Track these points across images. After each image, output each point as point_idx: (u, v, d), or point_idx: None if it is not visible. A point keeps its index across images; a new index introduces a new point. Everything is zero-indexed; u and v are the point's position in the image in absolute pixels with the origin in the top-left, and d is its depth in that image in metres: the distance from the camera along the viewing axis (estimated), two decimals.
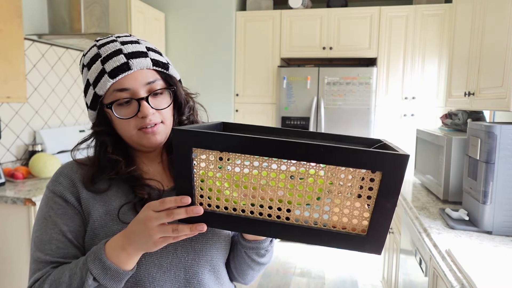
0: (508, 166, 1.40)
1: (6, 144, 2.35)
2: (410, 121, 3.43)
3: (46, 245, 0.72)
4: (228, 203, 0.62)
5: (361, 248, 0.59)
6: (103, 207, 0.75)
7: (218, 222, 0.63)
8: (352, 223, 0.58)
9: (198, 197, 0.62)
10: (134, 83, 0.72)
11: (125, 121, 0.74)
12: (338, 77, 3.39)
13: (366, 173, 0.56)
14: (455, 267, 1.16)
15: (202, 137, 0.59)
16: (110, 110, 0.73)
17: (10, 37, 1.95)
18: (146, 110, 0.72)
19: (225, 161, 0.60)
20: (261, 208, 0.61)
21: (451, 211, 1.59)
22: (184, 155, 0.60)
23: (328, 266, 3.16)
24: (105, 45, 0.75)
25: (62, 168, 0.80)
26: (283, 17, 3.58)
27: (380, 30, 3.42)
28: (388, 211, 0.56)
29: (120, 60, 0.72)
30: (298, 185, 0.58)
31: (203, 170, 0.61)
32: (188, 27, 3.71)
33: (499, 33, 1.60)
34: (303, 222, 0.60)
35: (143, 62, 0.73)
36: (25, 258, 1.89)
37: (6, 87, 1.93)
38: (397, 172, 0.54)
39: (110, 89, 0.72)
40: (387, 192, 0.55)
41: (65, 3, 2.57)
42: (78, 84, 2.95)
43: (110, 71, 0.71)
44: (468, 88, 1.94)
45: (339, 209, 0.58)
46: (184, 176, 0.61)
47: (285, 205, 0.60)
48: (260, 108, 3.70)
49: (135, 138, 0.75)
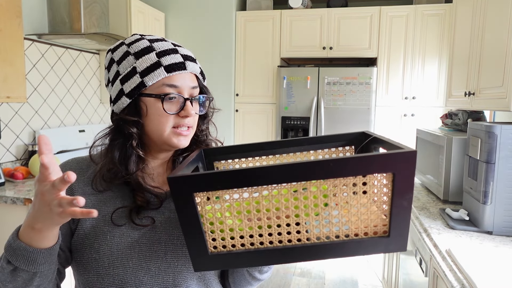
0: (508, 166, 1.40)
1: (5, 144, 2.35)
2: (410, 121, 3.43)
3: None
4: (243, 232, 0.58)
5: (387, 249, 0.59)
6: (96, 207, 0.74)
7: (236, 261, 0.60)
8: (372, 227, 0.58)
9: (210, 242, 0.59)
10: (184, 82, 0.75)
11: (165, 116, 0.74)
12: (338, 77, 3.39)
13: (374, 176, 0.55)
14: (456, 267, 1.15)
15: (204, 179, 0.55)
16: (157, 100, 0.73)
17: (9, 37, 1.94)
18: (190, 110, 0.75)
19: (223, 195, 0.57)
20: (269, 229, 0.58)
21: (451, 211, 1.59)
22: (187, 203, 0.56)
23: (328, 266, 3.16)
24: (157, 41, 0.77)
25: (62, 165, 0.79)
26: (283, 17, 3.58)
27: (380, 30, 3.42)
28: (405, 208, 0.57)
29: (178, 58, 0.75)
30: (303, 196, 0.56)
31: (209, 212, 0.57)
32: (188, 27, 3.71)
33: (499, 33, 1.59)
34: (325, 238, 0.58)
35: (195, 67, 0.78)
36: None
37: (5, 87, 1.93)
38: (408, 169, 0.54)
39: (159, 82, 0.73)
40: (402, 191, 0.55)
41: (65, 3, 2.56)
42: (78, 84, 2.94)
43: (167, 65, 0.73)
44: (468, 88, 1.94)
45: (356, 217, 0.57)
46: (192, 224, 0.57)
47: (293, 219, 0.57)
48: (260, 108, 3.70)
49: (166, 135, 0.75)
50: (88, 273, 0.74)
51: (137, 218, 0.74)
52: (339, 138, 0.78)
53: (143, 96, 0.74)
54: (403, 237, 0.58)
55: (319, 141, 0.79)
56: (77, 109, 2.96)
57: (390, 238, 0.58)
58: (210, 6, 3.65)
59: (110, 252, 0.72)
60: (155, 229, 0.75)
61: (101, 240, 0.73)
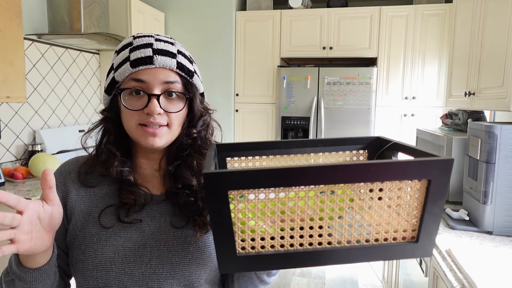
0: (508, 166, 1.40)
1: (5, 144, 2.35)
2: (410, 121, 3.42)
3: None
4: (275, 241, 0.57)
5: (413, 254, 0.59)
6: (87, 207, 0.75)
7: (264, 263, 0.58)
8: (402, 232, 0.58)
9: (239, 242, 0.57)
10: (152, 78, 0.71)
11: (130, 112, 0.72)
12: (338, 77, 3.39)
13: (410, 182, 0.55)
14: (456, 267, 1.15)
15: (241, 177, 0.53)
16: (125, 95, 0.72)
17: (9, 36, 1.94)
18: (153, 107, 0.70)
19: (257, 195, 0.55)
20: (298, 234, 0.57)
21: (451, 211, 1.59)
22: (220, 201, 0.54)
23: (328, 266, 3.16)
24: (140, 37, 0.75)
25: (62, 165, 0.80)
26: (283, 17, 3.58)
27: (380, 30, 3.42)
28: (436, 215, 0.57)
29: (146, 52, 0.71)
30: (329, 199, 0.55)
31: (242, 212, 0.55)
32: (188, 27, 3.71)
33: (500, 33, 1.59)
34: (355, 242, 0.58)
35: (167, 62, 0.72)
36: None
37: (5, 87, 1.93)
38: (443, 177, 0.54)
39: (128, 77, 0.72)
40: (435, 198, 0.55)
41: (65, 3, 2.56)
42: (78, 84, 2.94)
43: (133, 60, 0.71)
44: (468, 88, 1.94)
45: (387, 222, 0.57)
46: (223, 223, 0.55)
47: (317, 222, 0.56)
48: (260, 108, 3.70)
49: (135, 133, 0.73)
50: (76, 274, 0.74)
51: (125, 217, 0.74)
52: (354, 141, 0.77)
53: (116, 93, 0.74)
54: (430, 243, 0.58)
55: (333, 143, 0.77)
56: (77, 109, 2.95)
57: (418, 244, 0.58)
58: (210, 6, 3.65)
59: (95, 255, 0.71)
60: (142, 233, 0.74)
61: (87, 241, 0.73)
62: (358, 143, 0.77)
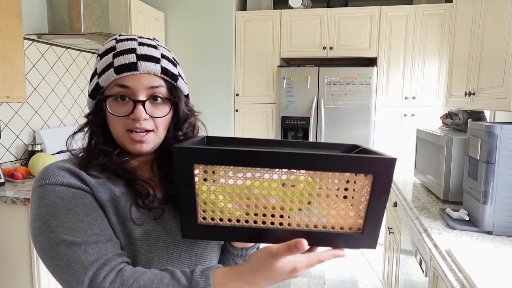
0: (508, 166, 1.40)
1: (5, 144, 2.35)
2: (410, 121, 3.43)
3: (88, 231, 0.66)
4: (231, 215, 0.63)
5: (358, 245, 0.64)
6: (109, 197, 0.73)
7: (220, 234, 0.65)
8: (348, 223, 0.64)
9: (201, 212, 0.64)
10: (136, 84, 0.71)
11: (116, 119, 0.72)
12: (338, 77, 3.39)
13: (356, 177, 0.61)
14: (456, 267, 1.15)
15: (206, 153, 0.60)
16: (110, 101, 0.73)
17: (9, 36, 1.94)
18: (139, 114, 0.71)
19: (219, 174, 0.61)
20: (256, 216, 0.63)
21: (451, 211, 1.59)
22: (186, 172, 0.61)
23: (328, 266, 3.16)
24: (123, 41, 0.75)
25: (51, 165, 0.73)
26: (283, 17, 3.58)
27: (380, 30, 3.42)
28: (380, 209, 0.62)
29: (130, 58, 0.71)
30: (290, 191, 0.62)
31: (205, 185, 0.62)
32: (188, 27, 3.71)
33: (500, 33, 1.59)
34: (304, 226, 0.63)
35: (152, 67, 0.72)
36: (25, 258, 1.89)
37: (5, 87, 1.93)
38: (387, 174, 0.60)
39: (113, 83, 0.72)
40: (379, 193, 0.61)
41: (65, 3, 2.56)
42: (77, 84, 2.94)
43: (117, 66, 0.71)
44: (468, 88, 1.94)
45: (336, 211, 0.63)
46: (187, 194, 0.62)
47: (278, 211, 0.62)
48: (260, 108, 3.70)
49: (122, 139, 0.74)
50: None
51: (147, 206, 0.75)
52: (333, 147, 0.84)
53: (100, 98, 0.74)
54: (375, 236, 0.64)
55: (313, 147, 0.85)
56: (77, 109, 2.96)
57: (363, 235, 0.64)
58: (210, 6, 3.65)
59: (134, 256, 0.72)
60: (167, 231, 0.76)
61: (124, 240, 0.72)
62: (336, 148, 0.84)
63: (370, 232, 0.63)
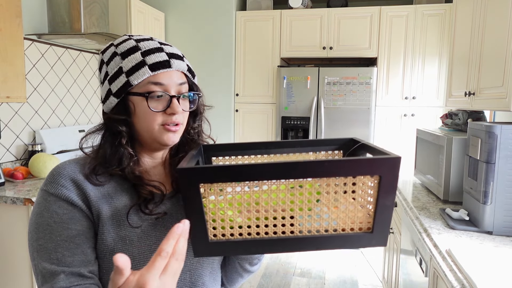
0: (508, 166, 1.40)
1: (5, 144, 2.35)
2: (410, 121, 3.43)
3: (52, 254, 0.69)
4: (242, 229, 0.64)
5: (369, 244, 0.65)
6: (109, 209, 0.74)
7: (233, 249, 0.65)
8: (358, 223, 0.64)
9: (211, 230, 0.64)
10: (169, 80, 0.76)
11: (152, 114, 0.75)
12: (338, 77, 3.39)
13: (363, 179, 0.62)
14: (456, 267, 1.15)
15: (210, 172, 0.61)
16: (144, 99, 0.74)
17: (9, 36, 1.94)
18: (176, 108, 0.75)
19: (225, 190, 0.62)
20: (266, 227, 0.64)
21: (451, 211, 1.59)
22: (193, 192, 0.61)
23: (328, 266, 3.16)
24: (143, 41, 0.78)
25: (60, 169, 0.74)
26: (283, 17, 3.58)
27: (380, 30, 3.42)
28: (388, 207, 0.63)
29: (163, 57, 0.75)
30: (298, 200, 0.62)
31: (212, 203, 0.63)
32: (188, 27, 3.71)
33: (500, 33, 1.59)
34: (315, 232, 0.64)
35: (181, 65, 0.78)
36: (25, 258, 1.89)
37: (5, 87, 1.93)
38: (393, 173, 0.61)
39: (145, 81, 0.74)
40: (386, 192, 0.62)
41: (65, 3, 2.56)
42: (78, 84, 2.94)
43: (151, 64, 0.74)
44: (468, 88, 1.94)
45: (345, 214, 0.63)
46: (196, 213, 0.62)
47: (288, 220, 0.63)
48: (260, 108, 3.70)
49: (156, 133, 0.76)
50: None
51: (149, 210, 0.76)
52: (329, 142, 0.85)
53: (130, 95, 0.75)
54: (384, 233, 0.65)
55: (310, 144, 0.86)
56: (77, 109, 2.95)
57: (373, 234, 0.65)
58: (210, 6, 3.65)
59: (132, 257, 0.71)
60: (167, 230, 0.75)
61: (120, 245, 0.72)
62: (333, 144, 0.85)
63: (380, 230, 0.64)
